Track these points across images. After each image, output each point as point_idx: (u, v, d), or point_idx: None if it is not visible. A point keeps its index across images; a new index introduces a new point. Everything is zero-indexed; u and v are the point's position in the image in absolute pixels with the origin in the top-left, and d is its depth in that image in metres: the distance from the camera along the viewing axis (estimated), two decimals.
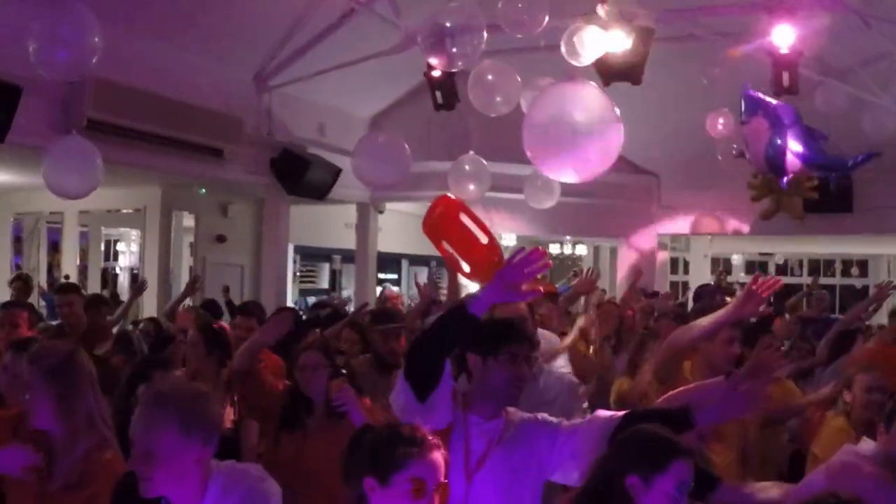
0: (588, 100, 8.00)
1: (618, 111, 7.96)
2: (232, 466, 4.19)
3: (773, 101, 12.18)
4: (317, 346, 6.85)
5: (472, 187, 13.69)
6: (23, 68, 9.43)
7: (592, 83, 8.55)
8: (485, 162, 13.48)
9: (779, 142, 11.75)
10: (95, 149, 10.43)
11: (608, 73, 11.90)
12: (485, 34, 10.12)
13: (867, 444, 4.99)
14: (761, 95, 12.29)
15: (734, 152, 13.51)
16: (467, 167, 13.60)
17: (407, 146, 12.26)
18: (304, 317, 13.73)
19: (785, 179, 12.24)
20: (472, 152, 13.60)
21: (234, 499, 3.98)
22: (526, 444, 4.72)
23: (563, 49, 10.69)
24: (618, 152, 8.20)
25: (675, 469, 3.88)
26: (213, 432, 4.07)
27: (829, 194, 18.67)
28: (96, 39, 8.70)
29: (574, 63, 10.69)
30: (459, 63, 10.56)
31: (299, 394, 6.61)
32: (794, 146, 11.74)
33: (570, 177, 8.73)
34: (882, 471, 4.69)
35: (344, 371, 6.15)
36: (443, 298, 11.93)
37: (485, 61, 11.08)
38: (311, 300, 21.01)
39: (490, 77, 11.10)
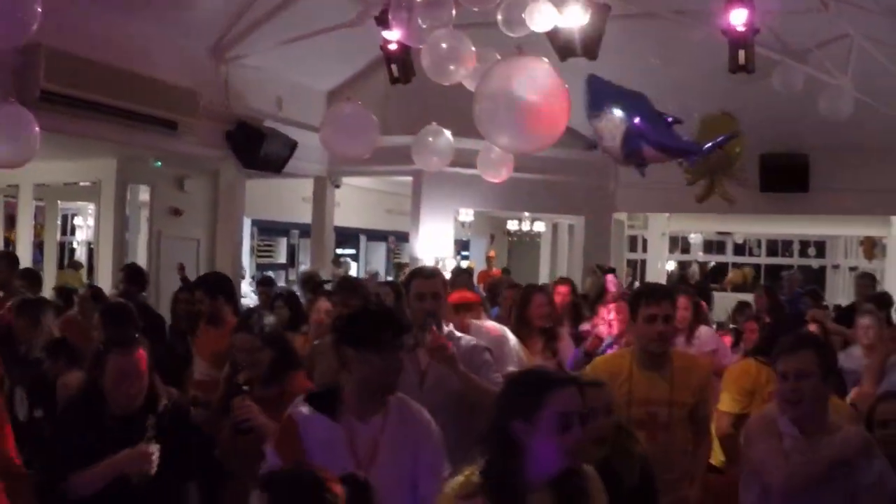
0: (535, 73, 8.03)
1: (566, 85, 7.98)
2: None
3: (621, 90, 12.21)
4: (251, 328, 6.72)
5: (435, 159, 13.68)
6: None
7: (542, 58, 8.56)
8: (447, 133, 13.45)
9: (634, 133, 11.74)
10: (31, 116, 10.29)
11: (564, 48, 11.89)
12: (453, 11, 10.13)
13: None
14: (607, 85, 12.29)
15: (587, 147, 13.43)
16: (430, 139, 13.57)
17: (374, 118, 12.19)
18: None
19: (641, 170, 12.28)
20: (434, 124, 13.57)
21: None
22: (411, 433, 4.89)
23: (502, 21, 10.66)
24: (564, 125, 8.21)
25: (554, 400, 3.82)
26: None
27: (786, 175, 18.86)
28: (37, 7, 8.58)
29: (514, 35, 10.67)
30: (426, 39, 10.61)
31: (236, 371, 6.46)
32: (648, 135, 11.73)
33: (518, 148, 8.80)
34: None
35: (245, 388, 6.01)
36: None
37: (439, 30, 11.03)
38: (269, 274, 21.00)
39: (444, 46, 11.05)
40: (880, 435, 5.73)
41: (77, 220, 23.72)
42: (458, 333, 6.55)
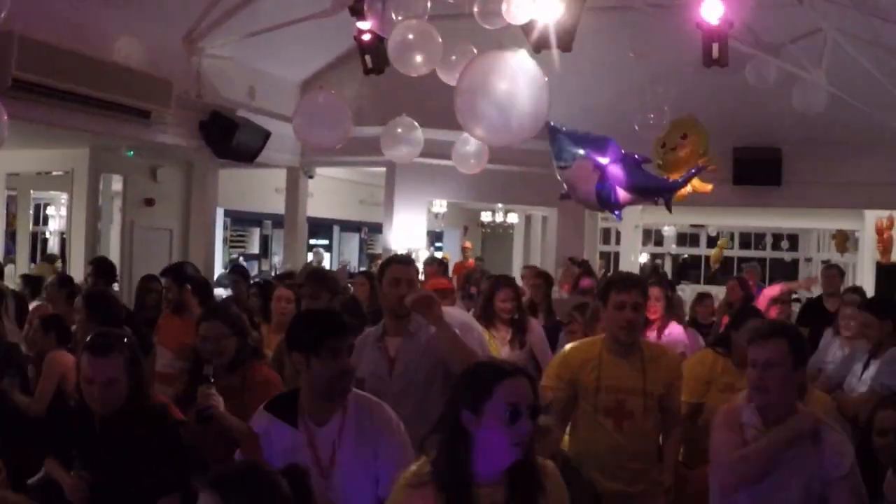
0: (516, 66, 8.06)
1: (545, 77, 8.01)
2: None
3: (586, 136, 12.26)
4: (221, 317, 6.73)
5: (404, 150, 13.69)
6: None
7: (522, 50, 8.57)
8: (417, 125, 13.45)
9: (607, 179, 11.78)
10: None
11: (538, 41, 11.88)
12: (428, 2, 10.15)
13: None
14: (569, 133, 12.33)
15: (560, 194, 13.39)
16: (399, 130, 13.58)
17: (347, 107, 12.15)
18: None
19: (618, 213, 12.34)
20: (404, 115, 13.57)
21: None
22: (371, 430, 4.88)
23: (478, 14, 10.67)
24: (545, 117, 8.22)
25: (502, 390, 3.77)
26: None
27: (759, 168, 18.91)
28: None
29: (491, 27, 10.68)
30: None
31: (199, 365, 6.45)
32: (621, 179, 11.77)
33: (497, 141, 8.84)
34: None
35: (212, 379, 6.00)
36: None
37: (406, 21, 11.04)
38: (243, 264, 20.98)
39: (411, 37, 11.05)
40: (879, 444, 5.71)
41: (50, 210, 23.63)
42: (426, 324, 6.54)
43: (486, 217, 27.79)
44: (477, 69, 8.31)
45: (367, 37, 12.29)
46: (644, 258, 30.01)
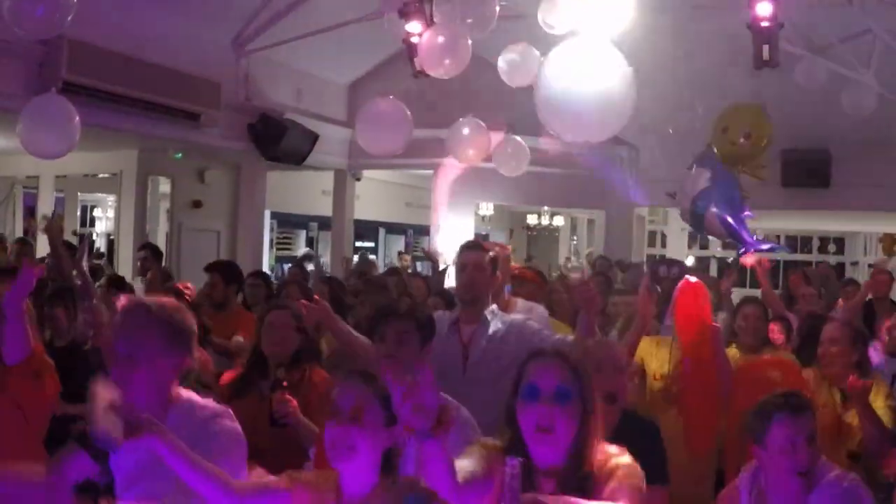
0: (600, 58, 7.92)
1: (630, 68, 7.88)
2: (191, 397, 4.25)
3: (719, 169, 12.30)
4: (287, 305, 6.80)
5: (471, 152, 13.68)
6: None
7: (606, 43, 8.45)
8: (483, 125, 13.43)
9: (706, 198, 11.79)
10: (72, 107, 10.29)
11: None
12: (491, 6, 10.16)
13: None
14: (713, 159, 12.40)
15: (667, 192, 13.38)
16: (466, 131, 13.56)
17: (408, 112, 12.13)
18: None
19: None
20: (471, 115, 13.56)
21: (185, 433, 3.93)
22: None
23: (539, 18, 10.67)
24: (630, 112, 8.10)
25: (529, 371, 3.88)
26: (191, 341, 4.26)
27: (807, 170, 18.76)
28: None
29: (550, 32, 10.66)
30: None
31: (260, 355, 6.49)
32: (720, 209, 11.79)
33: (581, 137, 8.79)
34: None
35: (285, 383, 5.98)
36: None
37: (436, 24, 11.07)
38: (287, 267, 21.02)
39: (441, 40, 11.06)
40: None
41: (96, 212, 23.76)
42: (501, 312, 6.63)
43: (532, 220, 27.77)
44: (558, 63, 8.20)
45: (415, 39, 12.29)
46: (690, 260, 29.86)
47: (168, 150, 17.15)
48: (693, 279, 6.89)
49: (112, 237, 20.25)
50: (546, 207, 25.70)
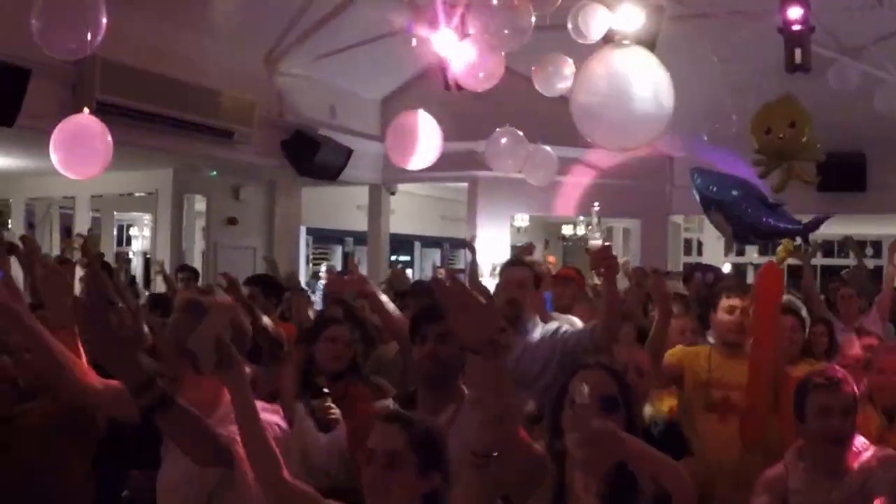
0: (636, 64, 7.87)
1: (667, 74, 7.83)
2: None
3: (724, 179, 12.35)
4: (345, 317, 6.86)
5: (509, 162, 13.70)
6: (31, 52, 9.39)
7: (643, 48, 8.41)
8: (522, 134, 13.45)
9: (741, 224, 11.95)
10: (105, 127, 10.34)
11: None
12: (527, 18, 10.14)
13: None
14: (708, 177, 12.41)
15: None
16: (504, 141, 13.59)
17: (438, 126, 12.15)
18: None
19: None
20: (508, 125, 13.58)
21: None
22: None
23: (569, 27, 10.66)
24: (669, 117, 8.05)
25: (574, 381, 3.77)
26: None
27: (843, 174, 18.64)
28: (102, 18, 8.62)
29: (581, 41, 10.66)
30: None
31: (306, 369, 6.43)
32: (755, 225, 11.94)
33: (621, 145, 8.78)
34: None
35: (326, 391, 5.99)
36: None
37: (469, 37, 11.08)
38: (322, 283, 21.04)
39: (474, 53, 11.07)
40: None
41: (132, 231, 23.86)
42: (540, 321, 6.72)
43: (567, 230, 27.69)
44: (594, 70, 8.16)
45: (446, 53, 12.29)
46: (727, 268, 29.72)
47: (203, 169, 17.24)
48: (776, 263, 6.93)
49: (148, 256, 20.32)
50: (581, 218, 25.63)
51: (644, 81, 7.71)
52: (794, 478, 4.96)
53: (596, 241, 8.90)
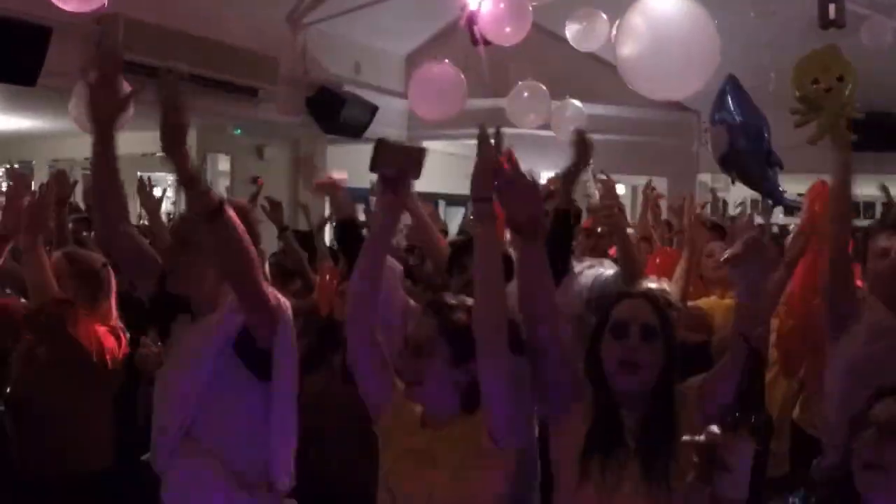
0: (680, 10, 7.72)
1: (713, 20, 7.69)
2: None
3: (747, 107, 12.15)
4: None
5: (532, 116, 13.56)
6: (52, 10, 9.26)
7: None
8: (545, 88, 13.32)
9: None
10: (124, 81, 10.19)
11: None
12: None
13: None
14: (738, 94, 12.22)
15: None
16: (526, 94, 13.46)
17: (462, 76, 12.01)
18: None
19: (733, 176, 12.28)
20: (530, 79, 13.44)
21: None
22: None
23: None
24: (716, 62, 7.89)
25: (616, 310, 3.92)
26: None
27: (876, 133, 18.40)
28: None
29: None
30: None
31: (330, 326, 6.32)
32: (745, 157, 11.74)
33: (666, 94, 8.64)
34: None
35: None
36: None
37: None
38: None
39: (501, 6, 10.93)
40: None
41: (155, 192, 23.77)
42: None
43: (592, 188, 27.58)
44: (639, 18, 8.01)
45: (475, 6, 12.13)
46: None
47: (226, 128, 17.13)
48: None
49: (172, 216, 20.27)
50: (603, 175, 25.48)
51: (688, 26, 7.58)
52: None
53: (595, 201, 8.74)
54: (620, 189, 26.19)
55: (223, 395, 4.26)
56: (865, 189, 24.36)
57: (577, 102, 14.25)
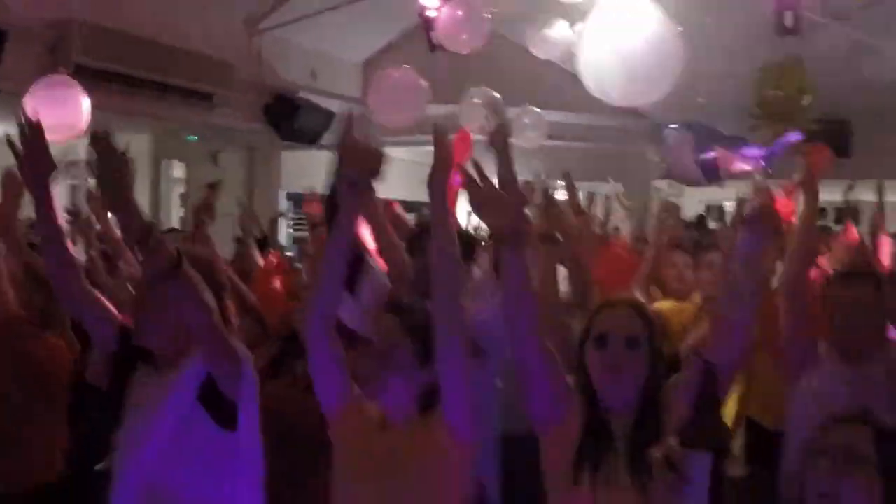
0: (643, 18, 7.73)
1: (677, 27, 7.71)
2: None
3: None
4: None
5: (483, 123, 13.57)
6: (8, 13, 9.21)
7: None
8: (497, 96, 13.32)
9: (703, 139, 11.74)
10: (79, 85, 10.12)
11: None
12: None
13: None
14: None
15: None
16: (476, 100, 13.45)
17: (424, 83, 11.99)
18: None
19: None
20: (483, 87, 13.44)
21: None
22: None
23: None
24: (679, 69, 7.91)
25: (598, 320, 3.91)
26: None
27: (828, 139, 18.54)
28: None
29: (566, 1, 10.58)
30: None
31: (294, 335, 6.27)
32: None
33: (628, 101, 8.62)
34: None
35: None
36: None
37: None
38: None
39: (459, 14, 10.94)
40: None
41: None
42: None
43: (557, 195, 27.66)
44: (601, 23, 8.01)
45: (432, 13, 12.12)
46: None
47: (181, 134, 17.06)
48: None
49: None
50: (561, 183, 25.52)
51: (651, 30, 7.59)
52: None
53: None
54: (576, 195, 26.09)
55: (187, 447, 4.21)
56: (824, 194, 24.13)
57: (536, 109, 14.25)
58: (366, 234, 6.05)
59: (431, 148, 3.98)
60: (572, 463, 3.75)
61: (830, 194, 25.39)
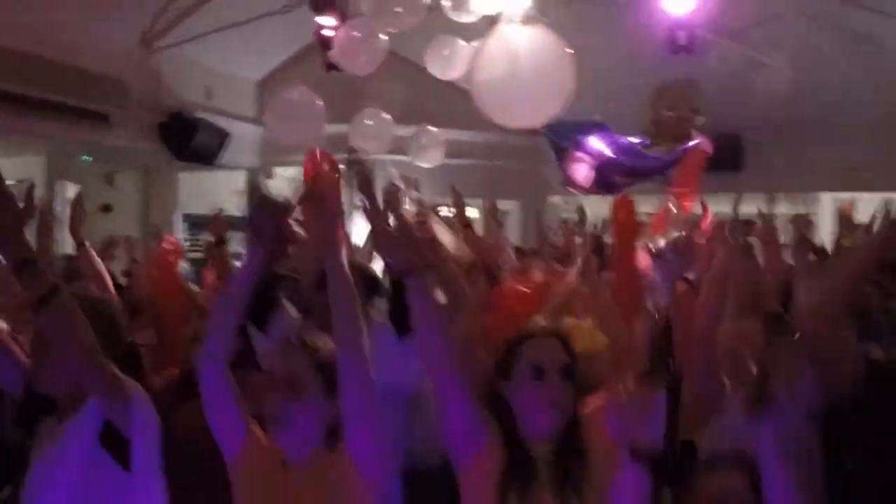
0: (538, 42, 7.82)
1: (568, 50, 7.79)
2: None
3: (580, 124, 12.34)
4: None
5: (376, 144, 13.57)
6: None
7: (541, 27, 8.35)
8: (387, 116, 13.34)
9: (607, 166, 11.91)
10: None
11: None
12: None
13: None
14: (563, 126, 12.43)
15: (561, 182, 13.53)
16: (369, 122, 13.47)
17: (321, 103, 11.98)
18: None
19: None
20: (377, 109, 13.47)
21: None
22: None
23: (449, 7, 10.62)
24: (571, 91, 7.99)
25: (526, 351, 3.93)
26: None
27: (719, 154, 18.78)
28: None
29: (464, 20, 10.63)
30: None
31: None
32: (621, 164, 11.91)
33: (521, 122, 8.69)
34: None
35: None
36: None
37: (354, 19, 10.99)
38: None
39: (356, 34, 10.97)
40: None
41: None
42: None
43: (444, 213, 27.64)
44: (495, 48, 8.07)
45: (328, 32, 12.12)
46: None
47: (75, 155, 16.85)
48: None
49: None
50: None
51: (542, 56, 7.68)
52: None
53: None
54: (473, 213, 26.30)
55: (93, 492, 4.08)
56: (716, 207, 24.56)
57: (433, 129, 14.31)
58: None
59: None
60: (496, 492, 3.76)
61: (722, 207, 25.60)
